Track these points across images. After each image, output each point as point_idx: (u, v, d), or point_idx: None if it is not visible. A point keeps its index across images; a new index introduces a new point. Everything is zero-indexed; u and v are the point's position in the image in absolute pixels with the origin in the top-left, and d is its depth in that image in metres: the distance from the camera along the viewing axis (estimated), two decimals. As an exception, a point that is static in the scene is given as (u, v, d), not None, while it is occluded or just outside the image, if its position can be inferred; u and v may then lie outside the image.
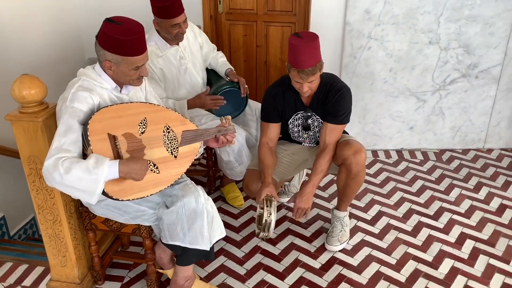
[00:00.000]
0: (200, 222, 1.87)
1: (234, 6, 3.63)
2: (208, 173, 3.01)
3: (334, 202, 2.90)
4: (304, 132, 2.47)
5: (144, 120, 1.77)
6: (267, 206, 2.15)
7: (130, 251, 2.51)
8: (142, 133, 1.76)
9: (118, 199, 1.68)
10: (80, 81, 1.77)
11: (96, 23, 3.81)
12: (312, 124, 2.42)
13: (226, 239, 2.58)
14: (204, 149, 2.16)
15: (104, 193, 1.64)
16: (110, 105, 1.72)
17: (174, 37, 2.50)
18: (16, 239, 3.29)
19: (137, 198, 1.74)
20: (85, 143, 1.65)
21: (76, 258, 2.13)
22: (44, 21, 3.44)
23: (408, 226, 2.70)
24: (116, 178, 1.63)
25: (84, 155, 1.69)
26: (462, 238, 2.59)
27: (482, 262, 2.42)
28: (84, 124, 1.68)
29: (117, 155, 1.68)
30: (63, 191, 1.67)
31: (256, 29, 3.69)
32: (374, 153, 3.53)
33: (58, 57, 3.64)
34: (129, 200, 1.71)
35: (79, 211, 2.09)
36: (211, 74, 2.85)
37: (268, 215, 2.13)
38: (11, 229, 3.26)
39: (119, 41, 1.70)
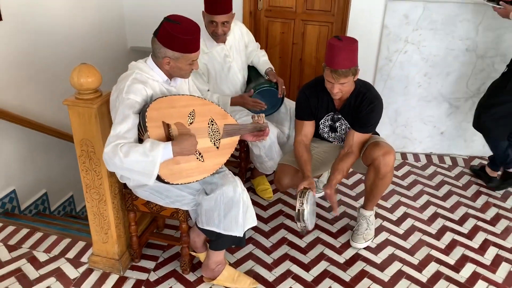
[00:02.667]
0: (236, 210, 2.00)
1: (273, 4, 3.72)
2: (240, 165, 3.13)
3: (361, 201, 2.99)
4: (331, 132, 2.56)
5: (193, 112, 1.91)
6: (300, 197, 2.24)
7: (164, 233, 2.66)
8: (191, 123, 1.90)
9: (168, 183, 1.82)
10: (134, 74, 1.90)
11: (138, 15, 4.01)
12: (339, 127, 2.50)
13: (255, 229, 2.70)
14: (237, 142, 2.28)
15: (157, 177, 1.78)
16: (165, 96, 1.86)
17: (210, 34, 2.61)
18: (56, 215, 3.50)
19: (185, 183, 1.88)
20: (142, 129, 1.79)
21: (117, 236, 2.29)
22: (91, 8, 3.61)
23: (433, 229, 2.77)
24: (171, 158, 1.77)
25: (140, 141, 1.83)
26: (486, 245, 2.64)
27: (504, 269, 2.47)
28: (142, 112, 1.81)
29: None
30: (124, 174, 1.83)
31: (293, 27, 3.77)
32: (403, 155, 3.58)
33: (101, 44, 3.82)
34: (178, 184, 1.85)
35: (123, 193, 2.24)
36: (251, 71, 2.96)
37: (300, 204, 2.21)
38: (52, 205, 3.47)
39: (181, 40, 1.83)
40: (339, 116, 2.45)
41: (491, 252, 2.59)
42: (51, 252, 2.45)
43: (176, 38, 1.83)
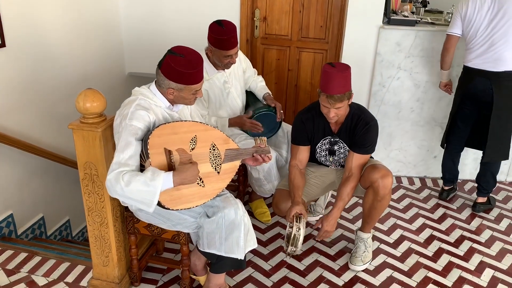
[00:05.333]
0: (237, 233, 2.02)
1: (269, 32, 3.83)
2: (238, 188, 3.17)
3: (358, 223, 3.02)
4: (329, 156, 2.61)
5: (194, 137, 1.95)
6: (296, 222, 2.29)
7: (164, 256, 2.66)
8: (192, 149, 1.94)
9: (169, 209, 1.85)
10: (138, 100, 1.95)
11: (137, 41, 4.09)
12: (338, 150, 2.56)
13: (254, 252, 2.71)
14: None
15: (158, 203, 1.81)
16: (168, 123, 1.90)
17: (224, 65, 2.69)
18: (52, 239, 3.48)
19: (184, 209, 1.90)
20: (144, 155, 1.83)
21: (118, 259, 2.29)
22: (91, 35, 3.69)
23: (429, 251, 2.80)
24: (171, 187, 1.80)
25: (142, 166, 1.86)
26: (481, 267, 2.68)
27: (500, 291, 2.50)
28: (144, 138, 1.85)
29: (171, 168, 1.86)
30: (125, 201, 1.86)
31: (289, 54, 3.87)
32: (398, 179, 3.64)
33: (100, 70, 3.89)
34: (177, 210, 1.88)
35: (124, 216, 2.26)
36: (249, 96, 3.03)
37: (297, 229, 2.27)
38: (48, 229, 3.45)
39: (184, 74, 1.89)
40: (337, 139, 2.51)
41: (487, 273, 2.62)
42: (50, 276, 2.44)
43: (179, 72, 1.89)
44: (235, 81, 2.87)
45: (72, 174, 3.51)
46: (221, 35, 2.55)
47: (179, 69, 1.88)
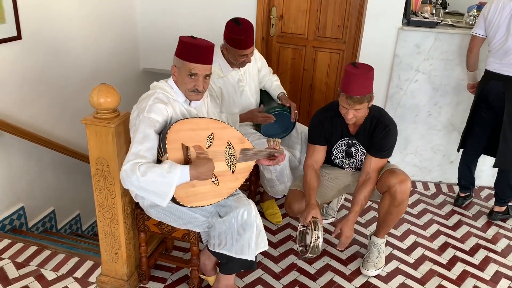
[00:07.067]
0: (249, 234, 1.98)
1: (286, 30, 3.78)
2: (249, 188, 3.13)
3: (371, 228, 2.97)
4: (346, 158, 2.56)
5: (211, 135, 1.92)
6: (314, 230, 2.21)
7: (173, 255, 2.64)
8: (209, 146, 1.91)
9: (183, 205, 1.82)
10: (156, 93, 1.93)
11: (152, 36, 4.08)
12: (354, 152, 2.51)
13: (264, 253, 2.67)
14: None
15: (172, 199, 1.78)
16: (186, 118, 1.88)
17: (239, 64, 2.66)
18: (63, 233, 3.48)
19: (199, 206, 1.87)
20: (162, 150, 1.80)
21: (127, 256, 2.27)
22: (107, 29, 3.68)
23: (443, 259, 2.74)
24: (187, 181, 1.77)
25: (159, 162, 1.83)
26: (497, 277, 2.61)
27: (517, 302, 2.44)
28: (162, 133, 1.83)
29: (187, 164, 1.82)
30: (139, 193, 1.82)
31: (305, 53, 3.82)
32: (413, 184, 3.58)
33: (114, 65, 3.88)
34: (192, 207, 1.85)
35: (135, 213, 2.24)
36: (264, 95, 2.99)
37: (316, 238, 2.19)
38: (59, 223, 3.46)
39: (185, 45, 1.90)
40: (355, 141, 2.46)
41: (503, 284, 2.55)
42: (59, 270, 2.43)
43: (183, 44, 1.90)
44: (249, 80, 2.83)
45: (83, 168, 3.51)
46: (237, 34, 2.51)
47: (184, 41, 1.90)
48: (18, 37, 2.80)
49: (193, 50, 1.89)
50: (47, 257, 2.52)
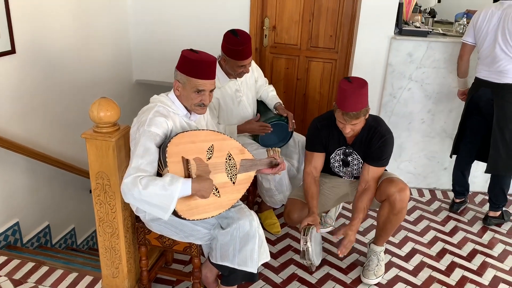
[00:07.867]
0: (252, 245, 1.98)
1: (279, 41, 3.82)
2: (247, 198, 3.13)
3: (369, 236, 2.98)
4: (343, 167, 2.58)
5: (211, 147, 1.93)
6: (303, 235, 2.26)
7: (173, 268, 2.62)
8: (209, 158, 1.91)
9: (185, 218, 1.81)
10: (156, 107, 1.93)
11: (145, 48, 4.08)
12: (351, 161, 2.53)
13: (265, 264, 2.66)
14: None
15: (174, 212, 1.77)
16: (185, 131, 1.88)
17: (237, 74, 2.67)
18: (58, 248, 3.43)
19: (200, 219, 1.87)
20: (162, 164, 1.80)
21: (127, 270, 2.25)
22: (100, 42, 3.67)
23: (442, 265, 2.76)
24: (188, 195, 1.77)
25: (159, 175, 1.83)
26: (495, 281, 2.63)
27: (516, 307, 2.46)
28: (162, 146, 1.83)
29: (188, 177, 1.82)
30: (140, 207, 1.81)
31: (298, 63, 3.86)
32: (408, 190, 3.60)
33: (108, 77, 3.87)
34: (193, 220, 1.84)
35: (135, 226, 2.22)
36: (260, 105, 3.00)
37: (304, 243, 2.24)
38: (54, 237, 3.41)
39: (190, 61, 1.89)
40: (351, 150, 2.47)
41: (502, 289, 2.59)
42: (58, 286, 2.39)
43: (187, 60, 1.90)
44: (246, 90, 2.84)
45: (78, 182, 3.48)
46: (236, 45, 2.53)
47: (188, 57, 1.90)
48: (13, 51, 2.78)
49: (199, 67, 1.89)
50: (45, 273, 2.48)
